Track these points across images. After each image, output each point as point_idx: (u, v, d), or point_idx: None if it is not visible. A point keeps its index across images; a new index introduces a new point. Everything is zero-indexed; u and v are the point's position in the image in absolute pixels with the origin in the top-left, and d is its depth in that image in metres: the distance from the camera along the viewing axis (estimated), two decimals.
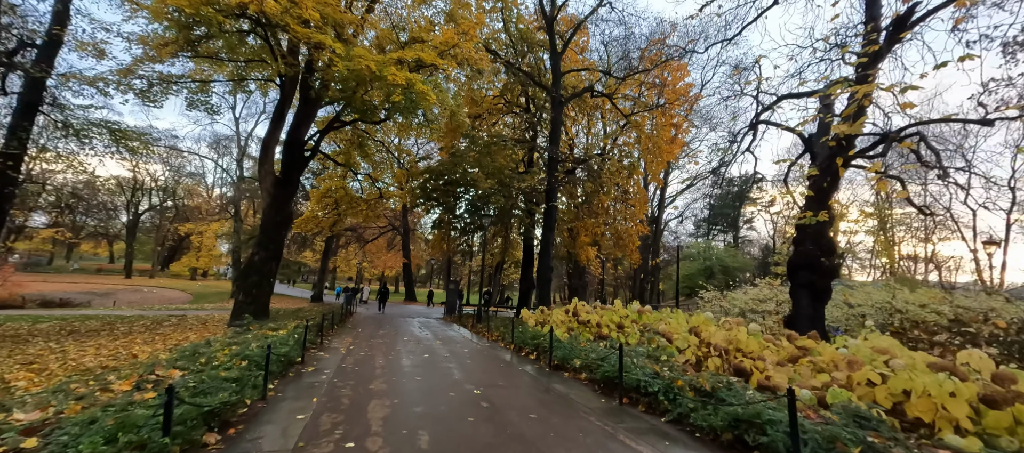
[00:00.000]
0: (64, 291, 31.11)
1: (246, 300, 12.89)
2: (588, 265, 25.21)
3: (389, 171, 19.64)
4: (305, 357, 7.73)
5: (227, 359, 5.50)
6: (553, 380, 7.20)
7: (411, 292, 36.69)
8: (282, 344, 7.07)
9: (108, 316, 16.27)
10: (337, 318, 14.40)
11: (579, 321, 11.19)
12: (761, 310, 12.73)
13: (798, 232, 10.73)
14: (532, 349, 9.75)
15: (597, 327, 10.60)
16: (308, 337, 9.04)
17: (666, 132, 19.37)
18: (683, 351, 7.20)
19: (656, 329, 8.86)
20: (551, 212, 16.00)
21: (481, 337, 13.12)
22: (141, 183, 51.53)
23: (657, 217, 31.93)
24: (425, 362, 8.20)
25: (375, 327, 14.46)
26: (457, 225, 19.37)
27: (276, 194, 14.01)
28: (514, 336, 10.75)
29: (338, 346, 9.63)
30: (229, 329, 10.22)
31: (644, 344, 8.56)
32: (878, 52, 9.18)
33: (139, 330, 13.27)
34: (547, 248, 15.86)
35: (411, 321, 17.38)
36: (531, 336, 10.27)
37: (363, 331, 13.04)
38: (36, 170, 42.43)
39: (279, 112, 14.13)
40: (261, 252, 13.50)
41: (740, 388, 5.09)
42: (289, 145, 14.57)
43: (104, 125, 13.26)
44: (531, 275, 19.74)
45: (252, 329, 9.60)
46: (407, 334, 12.76)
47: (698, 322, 8.12)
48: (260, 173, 14.01)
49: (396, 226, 40.28)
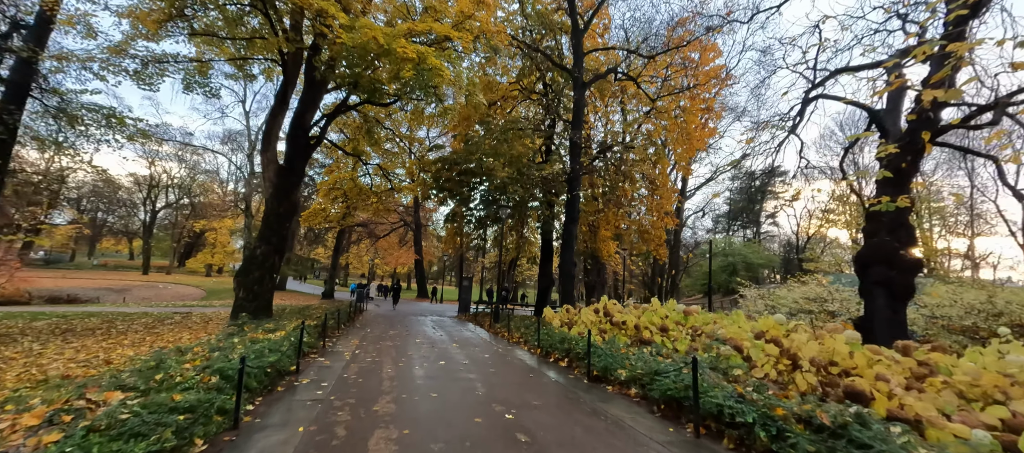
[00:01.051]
0: (74, 287, 30.83)
1: (247, 298, 11.82)
2: (608, 261, 23.77)
3: (400, 163, 18.49)
4: (301, 365, 6.54)
5: (194, 374, 4.30)
6: (596, 396, 5.86)
7: (423, 289, 35.66)
8: (273, 351, 5.88)
9: (111, 313, 15.46)
10: (345, 317, 13.27)
11: (612, 322, 9.81)
12: (814, 310, 11.21)
13: (869, 221, 9.18)
14: (562, 354, 8.43)
15: (635, 330, 9.22)
16: (309, 340, 7.87)
17: (695, 117, 17.77)
18: (757, 364, 5.78)
19: (713, 334, 7.44)
20: (574, 202, 14.60)
21: (499, 338, 11.85)
22: (158, 180, 51.61)
23: (679, 210, 30.25)
24: (441, 372, 6.94)
25: (385, 327, 13.30)
26: (471, 217, 18.11)
27: (279, 183, 12.92)
28: (540, 339, 9.43)
29: (343, 350, 8.45)
30: (230, 328, 9.12)
31: (699, 352, 7.16)
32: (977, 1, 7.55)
33: (136, 329, 12.33)
34: (569, 242, 14.49)
35: (423, 320, 16.21)
36: (559, 339, 8.95)
37: (372, 332, 11.87)
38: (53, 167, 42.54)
39: (282, 95, 13.02)
40: (263, 245, 12.42)
41: (868, 419, 3.69)
42: (293, 131, 13.47)
43: (98, 110, 12.30)
44: (550, 271, 18.40)
45: (247, 330, 8.47)
46: (419, 335, 11.55)
47: (768, 327, 6.68)
48: (263, 161, 12.93)
49: (408, 222, 39.28)
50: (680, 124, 17.96)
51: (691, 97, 18.25)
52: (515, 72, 21.25)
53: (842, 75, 12.36)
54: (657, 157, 18.74)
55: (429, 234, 47.42)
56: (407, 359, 7.82)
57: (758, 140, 12.61)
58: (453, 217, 18.57)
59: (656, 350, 7.44)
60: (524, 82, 20.27)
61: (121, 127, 12.79)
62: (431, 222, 48.48)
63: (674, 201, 18.52)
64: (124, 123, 12.72)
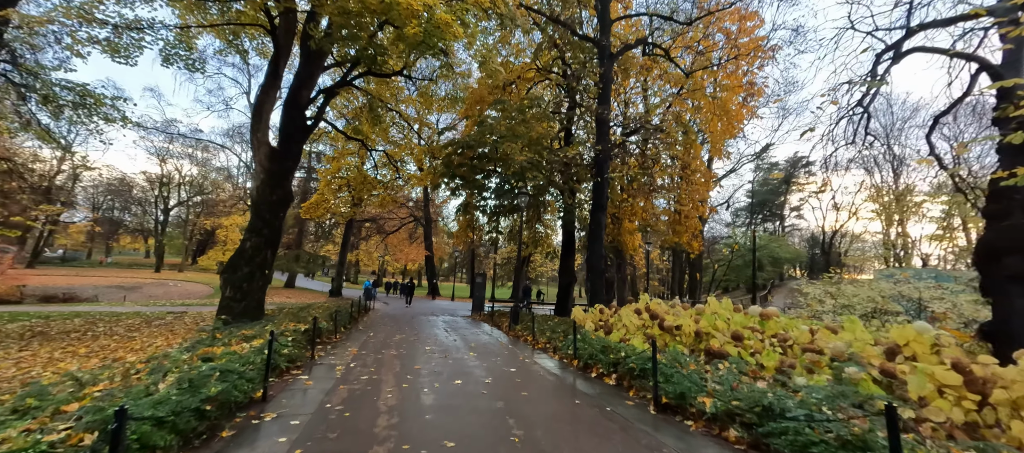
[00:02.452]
0: (83, 285, 29.95)
1: (234, 297, 10.25)
2: (632, 255, 21.85)
3: (408, 150, 16.82)
4: (275, 388, 4.87)
5: (60, 436, 2.60)
6: (679, 440, 4.05)
7: (434, 286, 34.10)
8: (229, 372, 4.20)
9: (99, 314, 14.14)
10: (346, 318, 11.64)
11: (663, 327, 7.97)
12: (900, 311, 9.23)
13: (996, 200, 7.17)
14: (606, 369, 6.62)
15: (694, 337, 7.37)
16: (292, 352, 6.20)
17: (734, 94, 15.74)
18: (925, 399, 3.90)
19: (815, 347, 5.55)
20: (602, 188, 12.74)
21: (520, 342, 10.09)
22: (169, 178, 51.02)
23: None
24: (458, 396, 5.20)
25: (392, 330, 11.65)
26: (485, 207, 16.36)
27: (272, 168, 11.33)
28: (576, 348, 7.63)
29: (336, 362, 6.78)
30: (201, 335, 7.51)
31: (798, 370, 5.30)
32: None
33: (114, 332, 10.88)
34: (597, 232, 12.65)
35: (434, 320, 14.54)
36: (599, 348, 7.14)
37: (376, 336, 10.21)
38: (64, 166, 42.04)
39: (273, 68, 11.39)
40: (253, 238, 10.85)
41: None
42: (288, 110, 11.87)
43: (71, 87, 10.83)
44: (571, 266, 16.57)
45: (220, 336, 6.85)
46: (430, 340, 9.85)
47: (907, 338, 4.79)
48: (252, 143, 11.34)
49: (417, 217, 37.75)
50: (715, 103, 15.90)
51: (728, 75, 16.19)
52: (530, 52, 19.42)
53: (928, 31, 10.26)
54: (688, 141, 16.72)
55: (439, 230, 45.87)
56: (414, 375, 6.10)
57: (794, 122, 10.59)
58: (465, 208, 16.85)
59: (738, 367, 5.60)
60: (541, 61, 18.42)
61: (97, 108, 11.31)
62: (441, 217, 46.94)
63: (710, 187, 16.52)
64: (100, 102, 11.24)
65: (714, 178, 16.65)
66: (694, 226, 15.98)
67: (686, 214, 15.63)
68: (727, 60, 15.37)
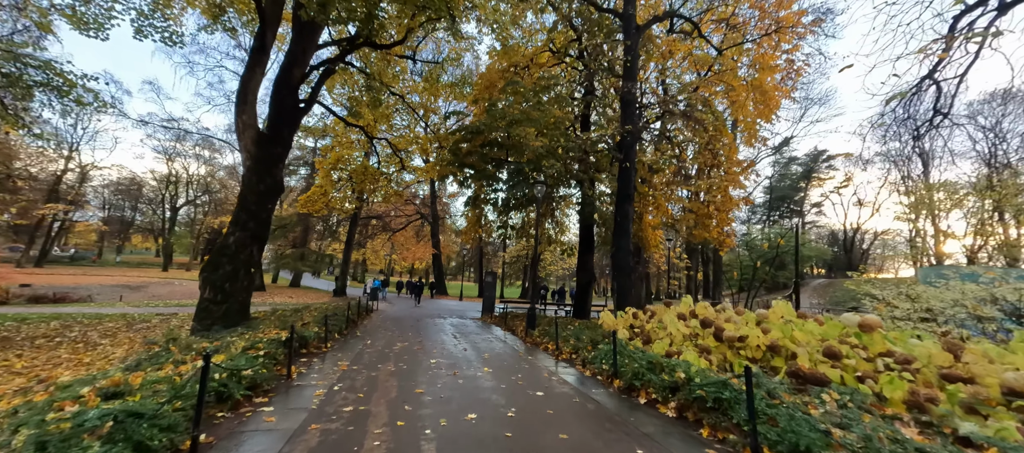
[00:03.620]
0: (88, 284, 29.12)
1: (213, 299, 8.90)
2: (653, 252, 20.24)
3: (412, 140, 15.41)
4: (213, 434, 3.45)
5: None
6: None
7: (442, 285, 32.74)
8: (136, 417, 2.78)
9: (84, 315, 12.96)
10: (341, 323, 10.25)
11: (719, 337, 6.41)
12: (984, 316, 7.62)
13: None
14: (661, 395, 5.09)
15: (765, 352, 5.81)
16: (261, 373, 4.78)
17: (772, 73, 14.05)
18: None
19: (966, 374, 3.97)
20: (627, 175, 11.18)
21: (538, 350, 8.60)
22: (177, 177, 50.43)
23: None
24: (474, 444, 3.72)
25: (393, 336, 10.24)
26: (495, 200, 14.87)
27: (259, 154, 9.97)
28: (616, 365, 6.11)
29: (317, 382, 5.35)
30: (152, 348, 6.13)
31: (946, 403, 3.74)
32: None
33: (90, 335, 9.63)
34: (624, 225, 11.09)
35: (442, 324, 13.11)
36: (646, 365, 5.62)
37: (374, 345, 8.79)
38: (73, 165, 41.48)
39: (260, 41, 10.02)
40: (237, 231, 9.49)
41: None
42: (278, 90, 10.51)
43: (33, 63, 9.58)
44: (590, 264, 15.03)
45: (174, 350, 5.45)
46: (436, 349, 8.40)
47: None
48: (237, 126, 9.99)
49: (424, 214, 36.45)
50: (749, 84, 14.21)
51: (761, 55, 14.48)
52: (542, 38, 17.90)
53: None
54: (716, 125, 15.05)
55: (447, 227, 44.53)
56: (414, 405, 4.64)
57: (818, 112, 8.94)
58: (474, 201, 15.37)
59: (855, 399, 4.03)
60: (556, 43, 16.89)
61: (67, 89, 10.04)
62: (449, 215, 45.61)
63: (746, 174, 14.80)
64: (70, 82, 9.98)
65: (750, 166, 14.88)
66: (727, 220, 14.34)
67: (716, 206, 13.98)
68: (764, 34, 13.68)
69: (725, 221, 14.18)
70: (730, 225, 14.63)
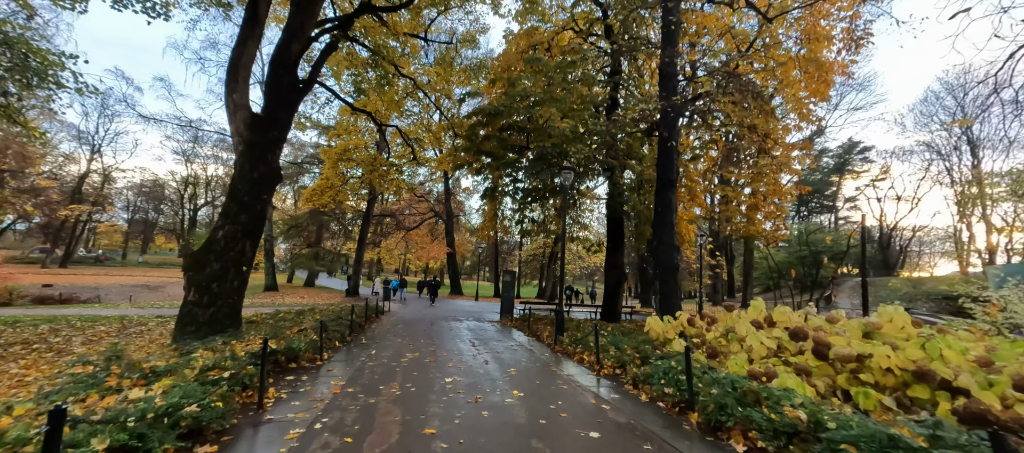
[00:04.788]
0: (107, 284, 28.95)
1: (199, 301, 7.71)
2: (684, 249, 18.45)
3: (424, 127, 14.07)
4: None
5: None
6: None
7: (457, 285, 31.49)
8: None
9: (79, 317, 12.08)
10: (346, 328, 8.96)
11: (820, 354, 4.79)
12: None
13: None
14: (770, 440, 3.56)
15: (907, 380, 4.19)
16: (222, 400, 3.43)
17: (824, 45, 12.22)
18: None
19: None
20: (668, 157, 9.57)
21: (571, 361, 7.10)
22: (196, 178, 50.69)
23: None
24: None
25: (403, 343, 8.90)
26: (514, 192, 13.41)
27: (253, 139, 8.76)
28: (692, 391, 4.57)
29: (296, 415, 4.00)
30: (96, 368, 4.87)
31: None
32: None
33: (73, 342, 8.58)
34: (666, 214, 9.48)
35: (457, 328, 11.74)
36: (737, 395, 4.09)
37: (379, 355, 7.46)
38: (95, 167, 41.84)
39: (252, 10, 8.82)
40: (227, 225, 8.29)
41: None
42: (275, 67, 9.31)
43: None
44: (620, 261, 13.43)
45: (116, 369, 4.17)
46: (452, 362, 7.01)
47: None
48: (227, 107, 8.80)
49: (438, 212, 35.29)
50: (800, 58, 12.37)
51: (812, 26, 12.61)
52: (565, 15, 16.36)
53: None
54: (761, 107, 13.24)
55: (461, 226, 43.31)
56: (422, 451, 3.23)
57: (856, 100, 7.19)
58: (492, 192, 13.93)
59: None
60: (578, 22, 15.34)
61: (44, 68, 9.01)
62: (463, 213, 44.40)
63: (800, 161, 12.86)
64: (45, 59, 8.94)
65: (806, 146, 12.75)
66: (774, 211, 12.52)
67: (774, 192, 12.13)
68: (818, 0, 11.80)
69: (774, 213, 12.37)
70: (782, 217, 12.81)
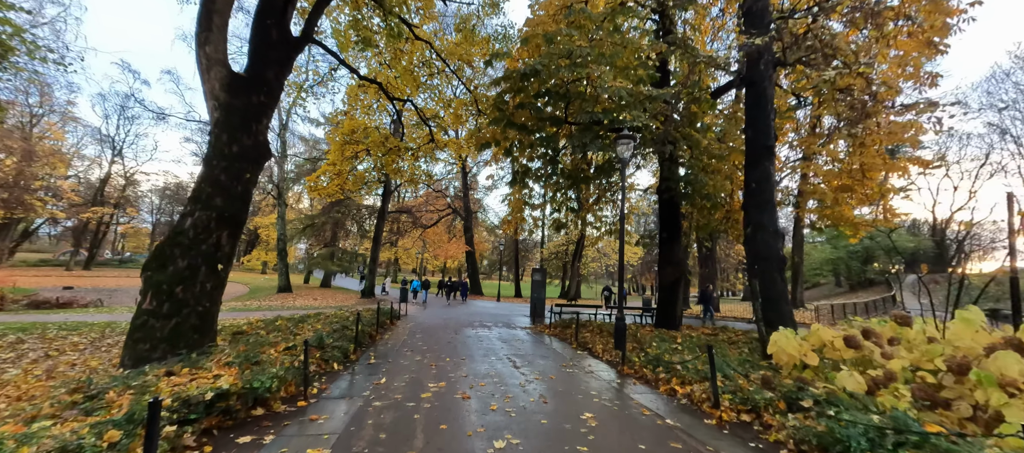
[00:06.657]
0: (125, 286, 28.12)
1: (157, 310, 5.79)
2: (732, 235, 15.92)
3: (445, 102, 12.05)
4: None
5: None
6: None
7: (477, 285, 29.51)
8: None
9: (62, 324, 10.61)
10: (351, 341, 6.96)
11: None
12: None
13: None
14: None
15: None
16: None
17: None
18: None
19: None
20: (762, 114, 7.23)
21: (648, 389, 4.85)
22: None
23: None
24: None
25: (423, 362, 6.85)
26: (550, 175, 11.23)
27: (232, 103, 6.85)
28: None
29: None
30: None
31: None
32: None
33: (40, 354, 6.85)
34: (764, 190, 7.12)
35: (488, 338, 9.64)
36: None
37: (390, 384, 5.41)
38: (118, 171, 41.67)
39: None
40: (198, 211, 6.38)
41: None
42: (260, 19, 7.39)
43: None
44: (678, 254, 11.09)
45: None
46: (495, 392, 4.88)
47: None
48: (199, 61, 6.91)
49: (456, 209, 33.38)
50: (896, 7, 9.75)
51: None
52: None
53: None
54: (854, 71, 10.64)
55: (479, 224, 41.34)
56: None
57: None
58: (520, 177, 11.73)
59: None
60: None
61: None
62: (481, 210, 42.46)
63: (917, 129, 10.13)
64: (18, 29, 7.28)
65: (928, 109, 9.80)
66: (877, 191, 9.92)
67: (873, 166, 9.52)
68: None
69: (878, 193, 9.77)
70: (890, 196, 10.20)
